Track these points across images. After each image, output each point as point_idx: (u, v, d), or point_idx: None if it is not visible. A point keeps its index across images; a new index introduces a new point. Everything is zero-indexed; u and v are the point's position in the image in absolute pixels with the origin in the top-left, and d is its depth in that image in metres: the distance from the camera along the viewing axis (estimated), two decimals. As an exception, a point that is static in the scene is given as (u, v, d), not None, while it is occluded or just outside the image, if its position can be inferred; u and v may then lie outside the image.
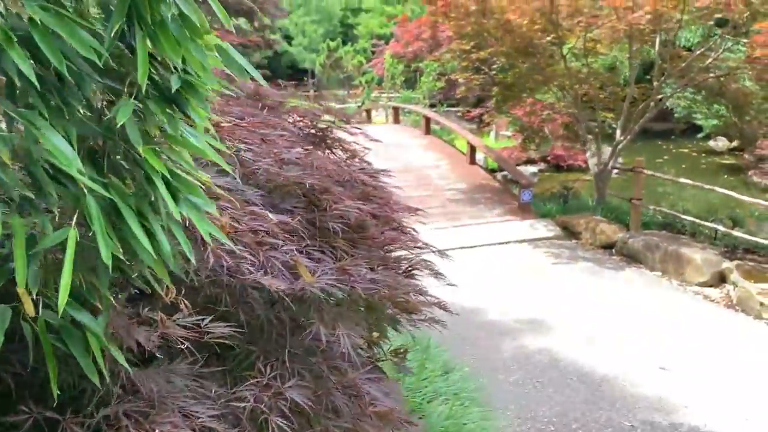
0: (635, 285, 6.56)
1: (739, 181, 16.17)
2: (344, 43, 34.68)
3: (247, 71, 1.25)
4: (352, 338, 1.83)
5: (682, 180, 7.84)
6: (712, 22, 7.93)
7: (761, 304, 5.75)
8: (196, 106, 1.17)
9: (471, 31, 9.02)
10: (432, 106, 23.15)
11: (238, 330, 1.61)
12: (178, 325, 1.48)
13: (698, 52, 8.23)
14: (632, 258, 7.55)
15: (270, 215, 1.51)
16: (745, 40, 7.11)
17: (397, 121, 15.47)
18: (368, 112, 16.88)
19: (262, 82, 1.37)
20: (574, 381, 4.40)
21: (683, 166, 21.20)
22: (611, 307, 5.84)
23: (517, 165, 19.80)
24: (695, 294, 6.39)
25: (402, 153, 11.32)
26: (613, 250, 7.91)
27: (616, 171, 9.41)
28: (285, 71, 43.63)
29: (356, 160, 3.59)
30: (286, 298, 1.60)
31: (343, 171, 2.25)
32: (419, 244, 2.83)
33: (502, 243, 8.08)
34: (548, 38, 8.39)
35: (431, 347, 4.27)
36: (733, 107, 9.21)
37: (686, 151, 23.50)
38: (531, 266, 7.20)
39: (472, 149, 10.80)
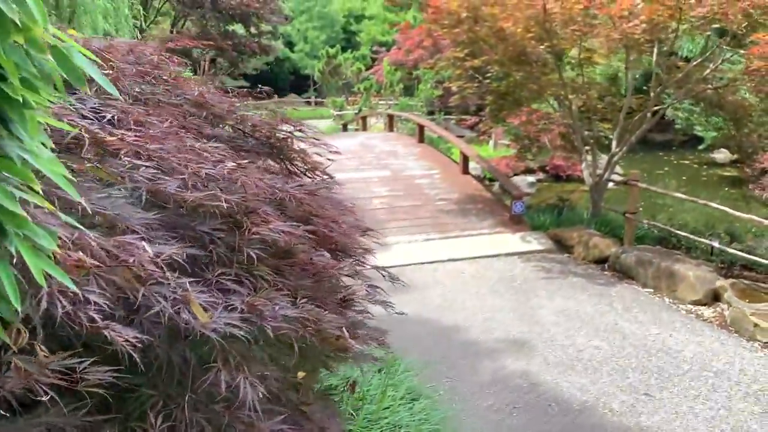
0: (626, 303, 6.33)
1: (740, 193, 15.92)
2: (346, 49, 34.62)
3: (94, 79, 1.04)
4: (269, 381, 1.62)
5: (677, 194, 7.61)
6: (709, 33, 7.72)
7: (755, 325, 5.51)
8: (23, 121, 0.96)
9: (465, 39, 8.83)
10: (430, 113, 23.01)
11: (128, 372, 1.40)
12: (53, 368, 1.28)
13: (695, 63, 8.01)
14: (625, 274, 7.32)
15: (146, 246, 1.31)
16: (743, 51, 6.88)
17: (391, 129, 15.28)
18: (364, 119, 16.70)
19: (112, 90, 1.16)
20: (552, 408, 4.17)
21: (684, 177, 20.95)
22: (598, 327, 5.61)
23: (516, 175, 19.69)
24: (687, 313, 6.15)
25: (393, 161, 11.13)
26: (606, 265, 7.69)
27: (612, 183, 9.17)
28: (287, 77, 43.67)
29: (317, 172, 3.38)
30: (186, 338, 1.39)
31: (275, 188, 2.03)
32: (368, 267, 2.59)
33: (492, 256, 7.86)
34: (542, 47, 8.19)
35: (399, 371, 4.05)
36: (732, 119, 8.99)
37: (687, 162, 23.27)
38: (520, 281, 6.97)
39: (465, 159, 10.59)
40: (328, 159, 3.29)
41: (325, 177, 3.22)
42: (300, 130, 2.92)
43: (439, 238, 8.18)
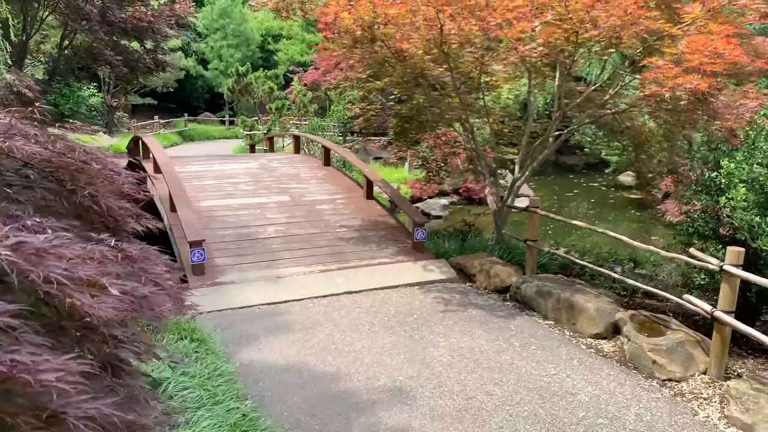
0: (524, 338, 5.99)
1: (647, 215, 16.27)
2: (264, 69, 33.85)
3: None
4: None
5: (575, 222, 7.41)
6: (606, 57, 7.65)
7: (653, 362, 5.27)
8: None
9: (368, 59, 8.43)
10: (347, 134, 22.60)
11: None
12: None
13: (593, 88, 7.92)
14: (525, 305, 7.03)
15: None
16: (638, 77, 6.79)
17: (297, 150, 14.71)
18: (271, 140, 16.04)
19: None
20: (433, 471, 3.70)
21: (592, 200, 21.46)
22: (493, 368, 5.22)
23: (430, 198, 19.54)
24: (587, 347, 5.87)
25: (295, 186, 10.55)
26: (508, 295, 7.39)
27: (515, 209, 8.94)
28: (202, 95, 42.37)
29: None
30: None
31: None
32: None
33: (391, 287, 7.41)
34: (440, 69, 7.89)
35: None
36: (633, 145, 9.00)
37: (596, 185, 23.92)
38: (417, 315, 6.53)
39: (369, 183, 10.16)
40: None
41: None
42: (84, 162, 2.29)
43: (336, 269, 7.65)
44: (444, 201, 19.05)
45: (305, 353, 5.48)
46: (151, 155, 10.06)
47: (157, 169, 9.49)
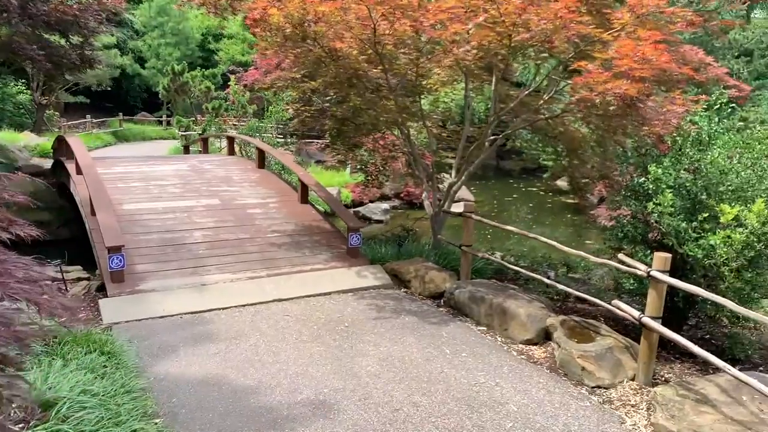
0: (456, 345, 5.86)
1: (582, 220, 16.54)
2: (204, 68, 33.00)
3: None
4: None
5: (508, 227, 7.36)
6: (539, 62, 7.66)
7: (583, 368, 5.22)
8: None
9: (303, 59, 8.18)
10: (284, 136, 22.19)
11: None
12: None
13: (526, 92, 7.91)
14: (459, 311, 6.92)
15: None
16: (570, 82, 6.79)
17: (231, 152, 14.29)
18: (205, 141, 15.54)
19: None
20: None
21: (531, 204, 21.77)
22: (422, 377, 5.06)
23: (371, 202, 19.38)
24: (519, 354, 5.79)
25: (226, 188, 10.18)
26: (442, 301, 7.27)
27: (451, 214, 8.85)
28: (140, 94, 41.03)
29: None
30: None
31: None
32: None
33: (323, 294, 7.18)
34: (375, 70, 7.72)
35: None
36: (567, 150, 9.05)
37: (535, 189, 24.30)
38: (348, 323, 6.32)
39: (304, 187, 9.89)
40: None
41: None
42: None
43: (266, 276, 7.36)
44: (385, 205, 18.93)
45: (227, 365, 5.19)
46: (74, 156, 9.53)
47: (79, 171, 8.99)
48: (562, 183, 22.25)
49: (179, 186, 9.97)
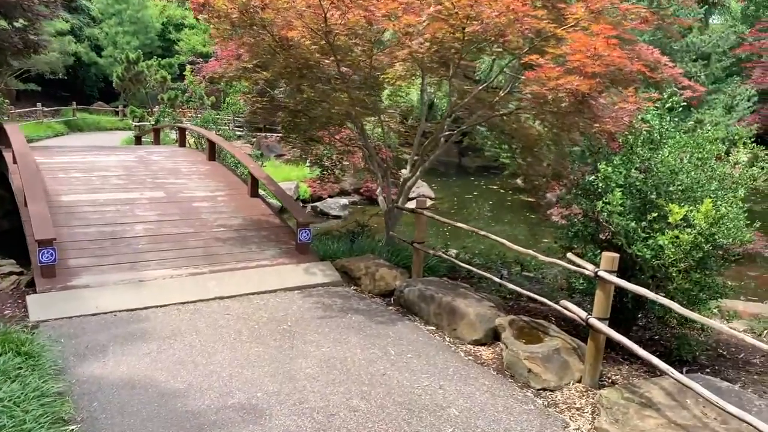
0: (402, 345, 5.67)
1: (539, 218, 16.55)
2: (162, 58, 32.20)
3: None
4: None
5: (459, 224, 7.21)
6: (495, 57, 7.51)
7: (529, 370, 5.08)
8: None
9: (254, 48, 7.88)
10: (243, 129, 21.73)
11: None
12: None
13: (480, 88, 7.76)
14: (408, 310, 6.74)
15: None
16: (523, 77, 6.64)
17: (183, 144, 13.85)
18: (157, 132, 15.04)
19: None
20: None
21: (490, 202, 21.76)
22: (363, 380, 4.85)
23: (330, 197, 19.10)
24: (466, 355, 5.63)
25: (173, 181, 9.80)
26: (392, 300, 7.08)
27: (404, 211, 8.67)
28: (96, 83, 39.85)
29: None
30: None
31: None
32: None
33: (268, 292, 6.92)
34: (327, 61, 7.47)
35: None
36: (522, 148, 8.95)
37: (495, 187, 24.30)
38: (291, 322, 6.08)
39: (254, 180, 9.58)
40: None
41: None
42: None
43: (208, 272, 7.06)
44: (344, 201, 18.67)
45: (157, 366, 4.90)
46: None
47: (16, 160, 8.53)
48: (521, 181, 22.29)
49: (123, 177, 9.56)
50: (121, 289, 6.45)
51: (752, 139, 23.42)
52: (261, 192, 10.13)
